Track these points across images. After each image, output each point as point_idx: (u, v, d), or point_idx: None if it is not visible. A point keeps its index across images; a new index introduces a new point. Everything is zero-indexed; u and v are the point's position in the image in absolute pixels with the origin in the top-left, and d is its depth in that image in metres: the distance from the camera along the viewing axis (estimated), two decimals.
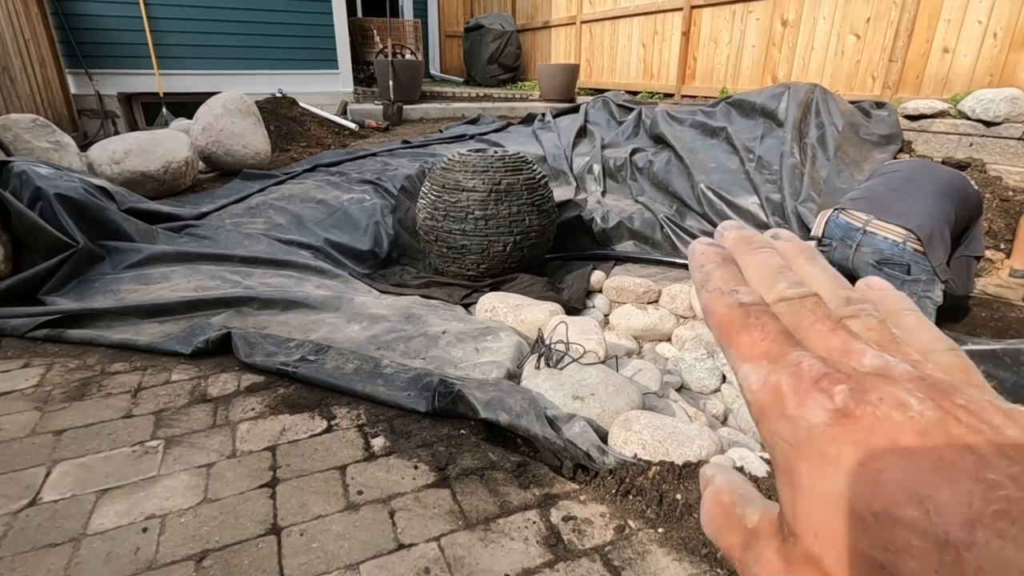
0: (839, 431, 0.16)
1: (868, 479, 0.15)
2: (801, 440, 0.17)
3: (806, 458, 0.16)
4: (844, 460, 0.15)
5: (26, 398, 1.73)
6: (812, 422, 0.16)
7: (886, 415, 0.16)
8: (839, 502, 0.15)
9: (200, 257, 2.66)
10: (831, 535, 0.15)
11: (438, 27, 9.81)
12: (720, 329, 0.21)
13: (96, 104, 5.60)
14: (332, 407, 1.69)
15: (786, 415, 0.17)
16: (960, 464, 0.14)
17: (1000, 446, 0.14)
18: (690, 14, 5.95)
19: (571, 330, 1.93)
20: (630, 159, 3.98)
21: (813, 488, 0.16)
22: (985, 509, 0.13)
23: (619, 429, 1.53)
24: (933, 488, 0.14)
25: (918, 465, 0.14)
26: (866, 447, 0.15)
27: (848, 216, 2.15)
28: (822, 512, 0.16)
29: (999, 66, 3.60)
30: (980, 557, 0.13)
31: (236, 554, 1.20)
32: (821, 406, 0.17)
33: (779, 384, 0.18)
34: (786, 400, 0.17)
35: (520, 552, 1.22)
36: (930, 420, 0.15)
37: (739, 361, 0.19)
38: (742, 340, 0.20)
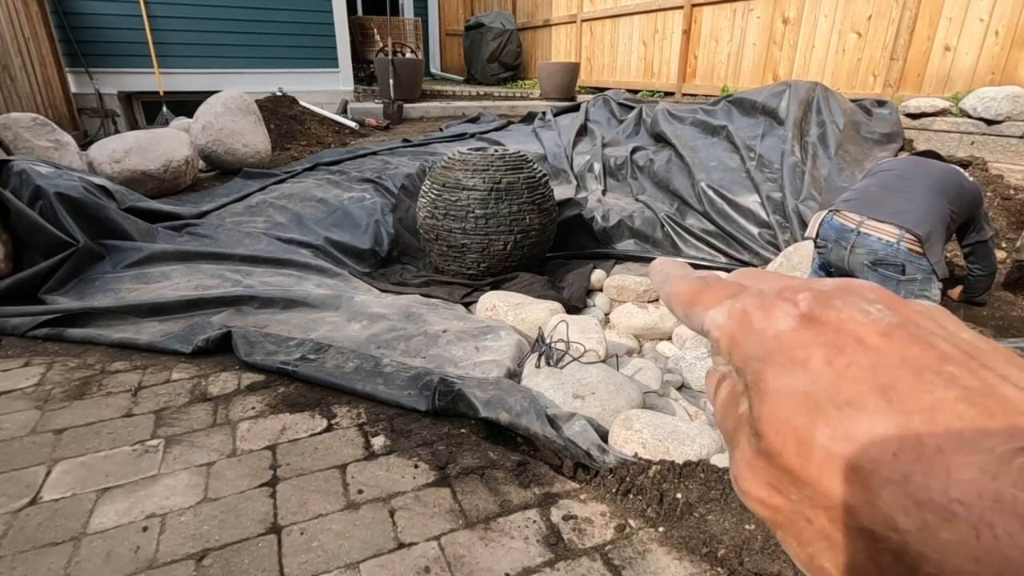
0: (807, 334, 0.16)
1: (835, 376, 0.15)
2: (770, 350, 0.17)
3: (774, 365, 0.17)
4: (812, 361, 0.16)
5: (26, 397, 1.73)
6: (780, 329, 0.17)
7: (850, 317, 0.16)
8: (803, 399, 0.15)
9: (200, 256, 2.65)
10: (792, 430, 0.15)
11: (438, 25, 9.80)
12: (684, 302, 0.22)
13: (96, 103, 5.60)
14: (332, 406, 1.69)
15: (754, 330, 0.18)
16: (923, 358, 0.15)
17: (959, 343, 0.15)
18: (691, 12, 5.93)
19: (571, 329, 1.93)
20: (631, 158, 3.97)
21: (778, 389, 0.16)
22: (946, 395, 0.14)
23: (619, 428, 1.53)
24: (897, 380, 0.15)
25: (883, 359, 0.15)
26: (833, 346, 0.16)
27: (842, 218, 2.15)
28: (785, 409, 0.16)
29: (1000, 64, 3.59)
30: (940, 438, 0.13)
31: (236, 553, 1.20)
32: (787, 313, 0.17)
33: (744, 307, 0.19)
34: (752, 317, 0.18)
35: (520, 551, 1.22)
36: (892, 322, 0.16)
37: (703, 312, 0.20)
38: (704, 296, 0.21)
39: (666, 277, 0.24)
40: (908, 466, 0.13)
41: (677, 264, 0.25)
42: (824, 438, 0.15)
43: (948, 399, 0.14)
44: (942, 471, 0.13)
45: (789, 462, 0.16)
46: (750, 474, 0.17)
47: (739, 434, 0.18)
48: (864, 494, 0.14)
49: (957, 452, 0.13)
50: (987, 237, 2.23)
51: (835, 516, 0.15)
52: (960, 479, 0.13)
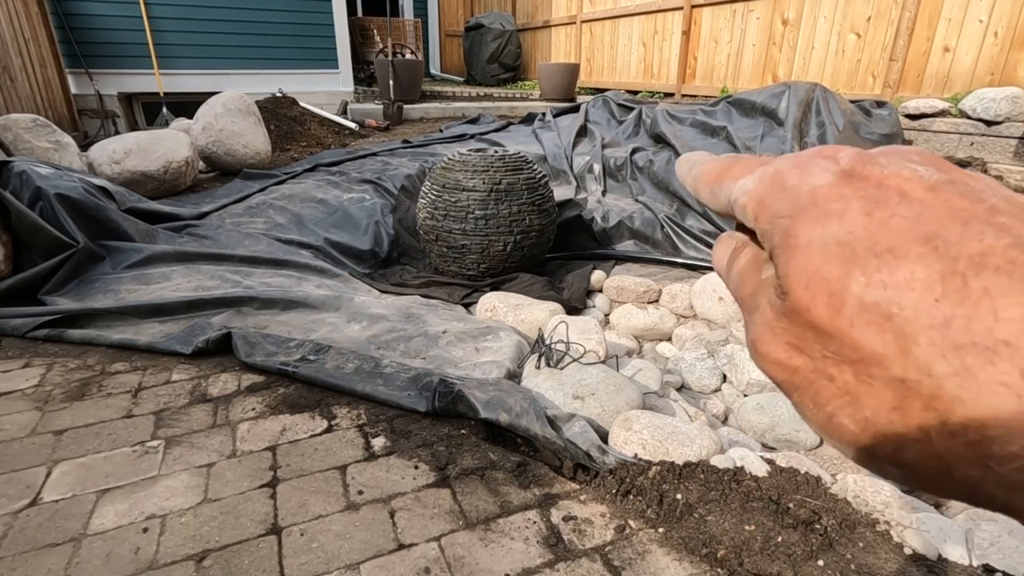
0: (846, 188, 0.16)
1: (875, 225, 0.15)
2: (803, 205, 0.16)
3: (807, 219, 0.16)
4: (850, 212, 0.15)
5: (26, 398, 1.73)
6: (816, 183, 0.16)
7: (895, 173, 0.16)
8: (838, 249, 0.15)
9: (200, 257, 2.66)
10: (823, 282, 0.15)
11: (438, 26, 9.81)
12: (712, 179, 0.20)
13: (96, 104, 5.60)
14: (332, 407, 1.69)
15: (786, 188, 0.17)
16: (972, 210, 0.14)
17: (1012, 199, 0.15)
18: (690, 13, 5.94)
19: (571, 330, 1.93)
20: (630, 158, 3.97)
21: (811, 241, 0.15)
22: (997, 243, 0.13)
23: (619, 429, 1.53)
24: (943, 229, 0.14)
25: (930, 212, 0.14)
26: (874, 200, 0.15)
27: None
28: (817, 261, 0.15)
29: (1000, 65, 3.59)
30: (987, 281, 0.13)
31: (236, 554, 1.20)
32: (826, 169, 0.16)
33: (778, 168, 0.18)
34: (786, 176, 0.17)
35: (520, 552, 1.22)
36: (939, 179, 0.15)
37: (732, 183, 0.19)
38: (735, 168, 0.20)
39: (692, 164, 0.23)
40: (950, 310, 0.13)
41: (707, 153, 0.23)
42: (859, 287, 0.14)
43: (999, 246, 0.13)
44: (988, 313, 0.13)
45: (817, 316, 0.15)
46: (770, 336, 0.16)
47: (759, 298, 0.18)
48: (897, 342, 0.14)
49: (1006, 294, 0.13)
50: None
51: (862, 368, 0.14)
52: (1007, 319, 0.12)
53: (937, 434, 0.13)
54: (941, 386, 0.13)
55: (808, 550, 1.18)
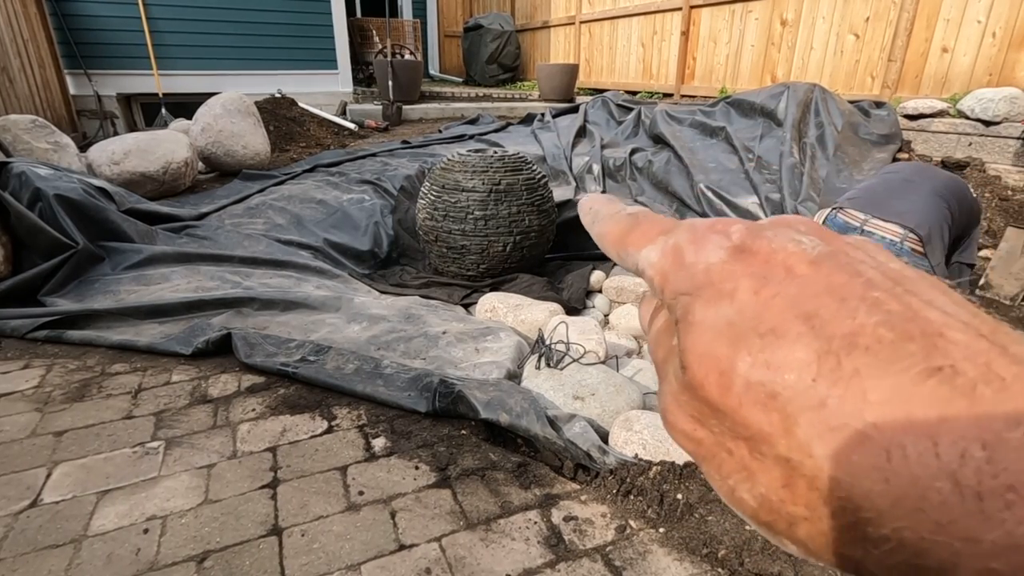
0: (737, 266, 0.16)
1: (759, 304, 0.15)
2: (699, 284, 0.17)
3: (702, 298, 0.16)
4: (739, 292, 0.16)
5: (26, 399, 1.73)
6: (710, 262, 0.17)
7: (781, 247, 0.16)
8: (727, 328, 0.15)
9: (200, 258, 2.65)
10: (714, 360, 0.15)
11: (437, 27, 9.81)
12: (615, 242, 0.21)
13: (95, 105, 5.59)
14: (333, 408, 1.69)
15: (685, 265, 0.17)
16: (849, 285, 0.15)
17: (886, 271, 0.15)
18: (689, 14, 5.95)
19: (571, 330, 1.93)
20: (629, 159, 3.98)
21: (703, 321, 0.16)
22: (868, 320, 0.14)
23: (620, 429, 1.53)
24: (821, 307, 0.14)
25: (809, 288, 0.15)
26: (761, 277, 0.16)
27: (846, 215, 2.15)
28: (709, 340, 0.16)
29: (998, 65, 3.60)
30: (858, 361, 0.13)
31: (237, 555, 1.20)
32: (718, 245, 0.17)
33: (677, 242, 0.18)
34: (685, 252, 0.18)
35: (521, 552, 1.22)
36: (822, 252, 0.16)
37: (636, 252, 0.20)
38: (635, 235, 0.20)
39: (595, 216, 0.23)
40: (825, 391, 0.13)
41: (607, 201, 0.24)
42: (745, 367, 0.15)
43: (869, 324, 0.14)
44: (858, 394, 0.13)
45: (710, 393, 0.15)
46: (676, 408, 0.17)
47: (668, 366, 0.18)
48: (781, 422, 0.14)
49: (874, 375, 0.13)
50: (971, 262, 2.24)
51: (753, 446, 0.15)
52: (875, 401, 0.13)
53: (819, 514, 0.14)
54: (821, 467, 0.13)
55: None
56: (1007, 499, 0.11)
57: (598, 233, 0.22)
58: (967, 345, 0.13)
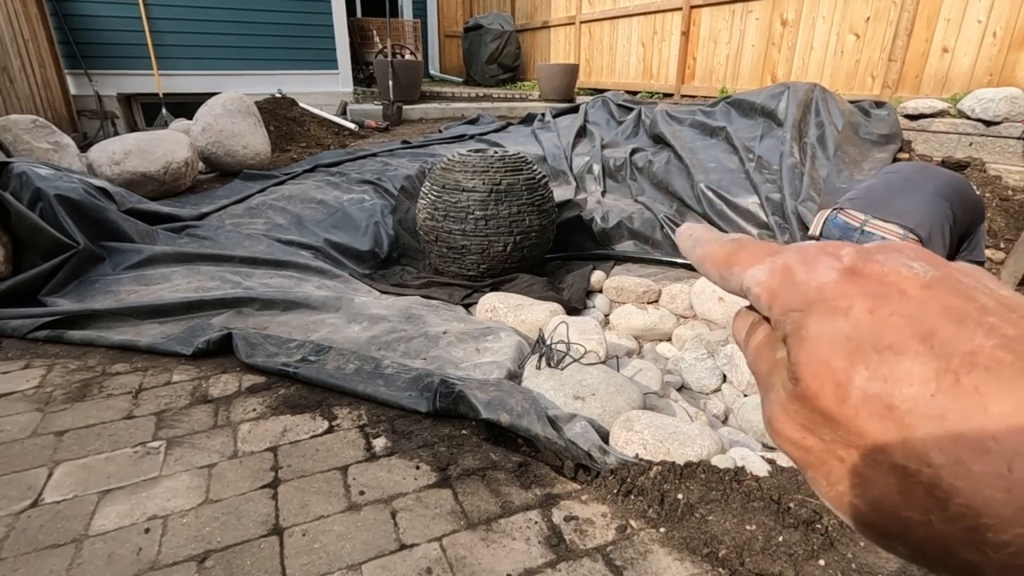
0: (850, 286, 0.17)
1: (877, 322, 0.16)
2: (812, 300, 0.17)
3: (816, 314, 0.17)
4: (855, 309, 0.16)
5: (27, 399, 1.73)
6: (823, 280, 0.18)
7: (894, 270, 0.17)
8: (844, 343, 0.16)
9: (200, 258, 2.66)
10: (830, 372, 0.16)
11: (437, 27, 9.81)
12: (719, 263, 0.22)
13: (96, 105, 5.59)
14: (333, 407, 1.70)
15: (796, 283, 0.18)
16: (964, 309, 0.15)
17: (999, 299, 0.16)
18: (689, 14, 5.95)
19: (571, 330, 1.93)
20: (630, 159, 3.98)
21: (820, 335, 0.17)
22: (986, 343, 0.14)
23: (620, 429, 1.53)
24: (938, 328, 0.15)
25: (925, 310, 0.16)
26: (876, 296, 0.16)
27: (846, 216, 2.16)
28: (825, 353, 0.16)
29: (998, 65, 3.60)
30: (977, 379, 0.14)
31: (238, 555, 1.20)
32: (830, 267, 0.18)
33: (787, 263, 0.19)
34: (795, 271, 0.19)
35: (522, 552, 1.22)
36: (935, 276, 0.17)
37: (742, 271, 0.21)
38: (742, 256, 0.21)
39: (696, 241, 0.24)
40: (945, 405, 0.14)
41: (706, 228, 0.25)
42: (862, 380, 0.15)
43: (988, 346, 0.14)
44: (979, 409, 0.14)
45: (825, 404, 0.16)
46: (784, 417, 0.18)
47: (774, 378, 0.19)
48: (899, 432, 0.15)
49: (994, 392, 0.14)
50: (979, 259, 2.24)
51: (868, 454, 0.15)
52: (996, 416, 0.14)
53: (938, 519, 0.14)
54: (939, 475, 0.14)
55: (809, 549, 1.18)
56: None
57: (701, 255, 0.23)
58: None
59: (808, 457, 0.17)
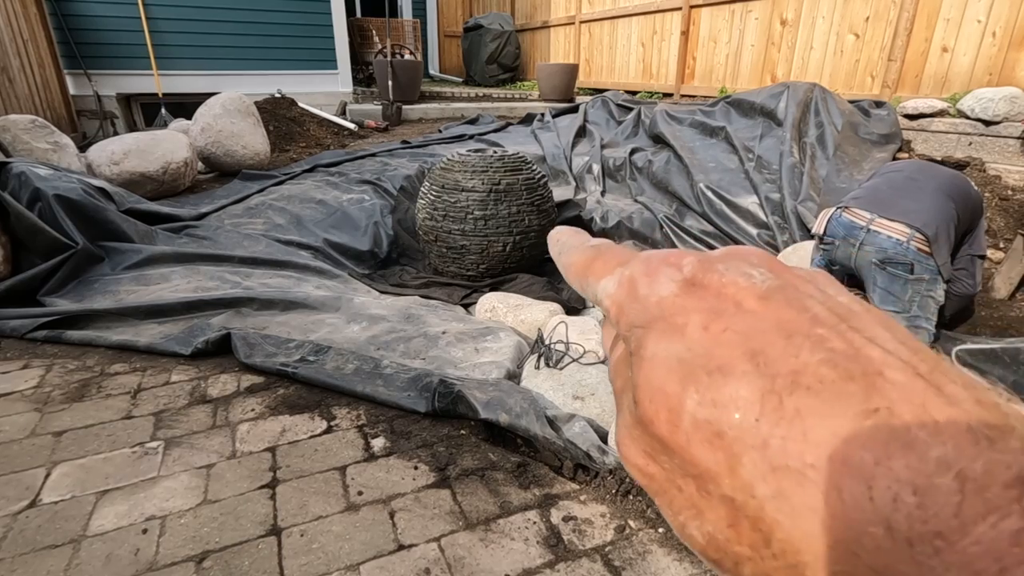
0: (688, 300, 0.16)
1: (709, 340, 0.15)
2: (652, 318, 0.17)
3: (655, 331, 0.16)
4: (690, 325, 0.16)
5: (26, 399, 1.72)
6: (662, 295, 0.17)
7: (732, 281, 0.16)
8: (677, 365, 0.15)
9: (199, 258, 2.65)
10: (664, 397, 0.15)
11: (437, 27, 9.81)
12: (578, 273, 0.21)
13: (95, 105, 5.59)
14: (332, 408, 1.69)
15: (638, 297, 0.17)
16: (796, 322, 0.15)
17: (833, 307, 0.15)
18: (689, 14, 5.94)
19: (571, 330, 1.93)
20: (629, 159, 3.98)
21: (655, 356, 0.16)
22: (811, 359, 0.14)
23: None
24: (767, 344, 0.14)
25: (757, 325, 0.15)
26: (712, 311, 0.16)
27: (851, 215, 2.15)
28: (660, 376, 0.15)
29: (998, 65, 3.60)
30: (799, 401, 0.13)
31: (236, 555, 1.20)
32: (670, 278, 0.17)
33: (632, 274, 0.18)
34: (638, 283, 0.18)
35: (520, 552, 1.22)
36: (772, 286, 0.16)
37: (596, 282, 0.20)
38: (596, 265, 0.20)
39: (562, 248, 0.23)
40: (768, 431, 0.13)
41: (573, 233, 0.24)
42: (693, 404, 0.15)
43: (812, 362, 0.14)
44: (799, 434, 0.13)
45: (660, 430, 0.15)
46: (629, 441, 0.17)
47: (624, 398, 0.18)
48: (727, 460, 0.14)
49: (813, 415, 0.13)
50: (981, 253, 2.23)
51: (701, 484, 0.15)
52: (814, 441, 0.13)
53: (763, 555, 0.14)
54: (763, 508, 0.13)
55: None
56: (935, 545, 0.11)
57: (564, 264, 0.22)
58: (904, 385, 0.13)
59: (652, 485, 0.16)
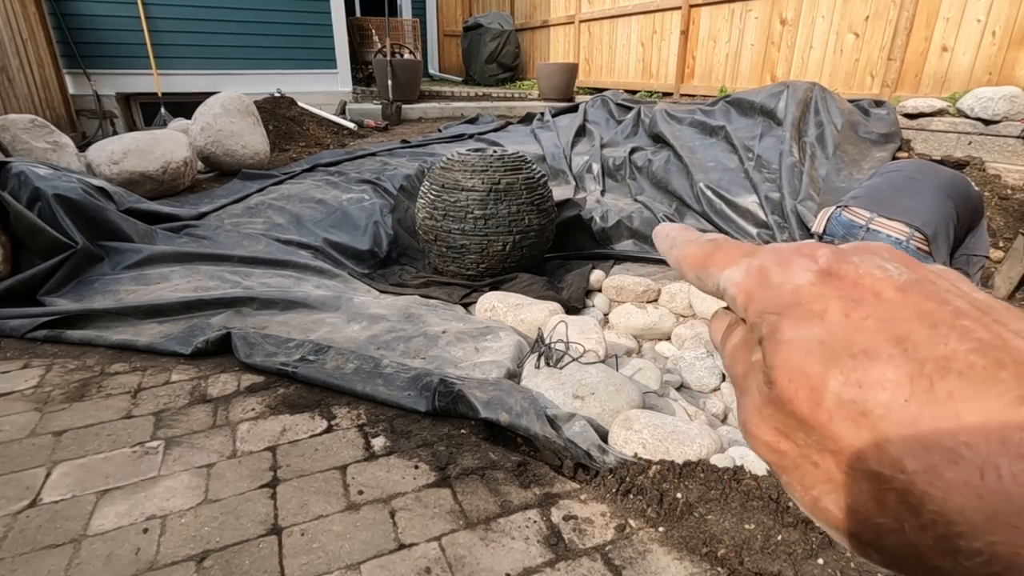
0: (825, 288, 0.17)
1: (851, 326, 0.16)
2: (787, 303, 0.17)
3: (791, 317, 0.17)
4: (829, 313, 0.16)
5: (26, 399, 1.72)
6: (798, 283, 0.17)
7: (868, 272, 0.17)
8: (818, 348, 0.16)
9: (199, 257, 2.65)
10: (804, 377, 0.16)
11: (437, 26, 9.80)
12: (696, 264, 0.22)
13: (94, 104, 5.59)
14: (332, 407, 1.69)
15: (771, 285, 0.18)
16: (938, 313, 0.15)
17: (973, 302, 0.16)
18: (689, 13, 5.94)
19: (571, 329, 1.93)
20: (629, 158, 3.97)
21: (794, 339, 0.17)
22: (960, 347, 0.14)
23: (619, 428, 1.53)
24: (912, 332, 0.15)
25: (899, 314, 0.16)
26: (851, 300, 0.16)
27: (851, 214, 2.15)
28: (800, 358, 0.16)
29: (998, 64, 3.60)
30: (951, 385, 0.14)
31: (237, 554, 1.20)
32: (806, 268, 0.18)
33: (763, 264, 0.19)
34: (771, 273, 0.18)
35: (521, 551, 1.22)
36: (909, 279, 0.16)
37: (719, 271, 0.20)
38: (717, 257, 0.21)
39: (673, 242, 0.24)
40: (919, 411, 0.14)
41: (683, 228, 0.25)
42: (836, 385, 0.15)
43: (961, 350, 0.14)
44: (952, 415, 0.14)
45: (799, 408, 0.16)
46: (759, 420, 0.18)
47: (749, 380, 0.19)
48: (873, 437, 0.15)
49: (967, 398, 0.14)
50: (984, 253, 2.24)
51: (842, 459, 0.15)
52: (968, 422, 0.13)
53: (910, 526, 0.14)
54: (912, 482, 0.14)
55: (808, 548, 1.18)
56: None
57: (678, 256, 0.23)
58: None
59: (783, 461, 0.17)
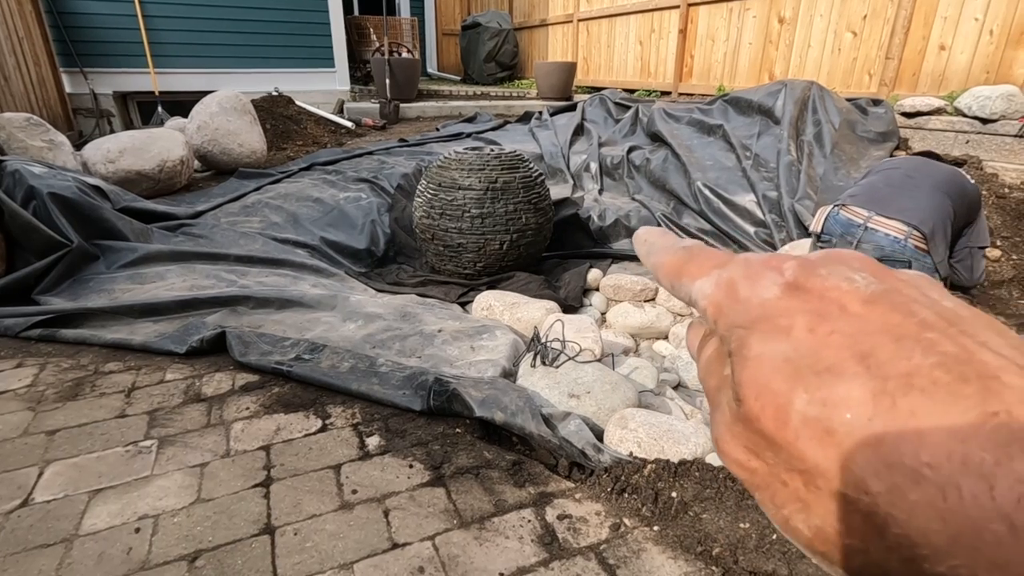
0: (792, 302, 0.17)
1: (817, 341, 0.16)
2: (755, 318, 0.17)
3: (759, 332, 0.17)
4: (795, 328, 0.16)
5: (19, 398, 1.72)
6: (765, 297, 0.17)
7: (835, 285, 0.17)
8: (784, 365, 0.16)
9: (195, 256, 2.65)
10: (771, 395, 0.16)
11: (435, 25, 9.79)
12: (670, 273, 0.22)
13: (91, 103, 5.57)
14: (327, 406, 1.69)
15: (740, 299, 0.18)
16: (904, 326, 0.15)
17: (941, 312, 0.15)
18: (687, 12, 5.94)
19: (567, 328, 1.92)
20: (627, 157, 3.97)
21: (760, 355, 0.16)
22: (924, 362, 0.14)
23: (615, 427, 1.53)
24: (877, 347, 0.15)
25: (865, 328, 0.15)
26: (816, 314, 0.16)
27: (848, 212, 2.15)
28: (766, 375, 0.16)
29: (995, 63, 3.60)
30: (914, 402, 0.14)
31: (229, 554, 1.20)
32: (773, 281, 0.18)
33: (732, 276, 0.19)
34: (739, 286, 0.18)
35: (515, 551, 1.21)
36: (876, 290, 0.16)
37: (691, 283, 0.20)
38: (690, 267, 0.21)
39: (650, 248, 0.24)
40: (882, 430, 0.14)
41: (661, 233, 0.25)
42: (802, 403, 0.15)
43: (925, 365, 0.14)
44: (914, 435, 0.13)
45: (766, 427, 0.16)
46: (729, 437, 0.17)
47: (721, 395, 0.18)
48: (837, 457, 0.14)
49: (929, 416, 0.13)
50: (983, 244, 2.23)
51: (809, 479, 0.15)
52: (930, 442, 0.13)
53: (876, 548, 0.14)
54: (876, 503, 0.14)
55: None
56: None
57: (653, 264, 0.23)
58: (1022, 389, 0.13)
59: (754, 479, 0.17)
